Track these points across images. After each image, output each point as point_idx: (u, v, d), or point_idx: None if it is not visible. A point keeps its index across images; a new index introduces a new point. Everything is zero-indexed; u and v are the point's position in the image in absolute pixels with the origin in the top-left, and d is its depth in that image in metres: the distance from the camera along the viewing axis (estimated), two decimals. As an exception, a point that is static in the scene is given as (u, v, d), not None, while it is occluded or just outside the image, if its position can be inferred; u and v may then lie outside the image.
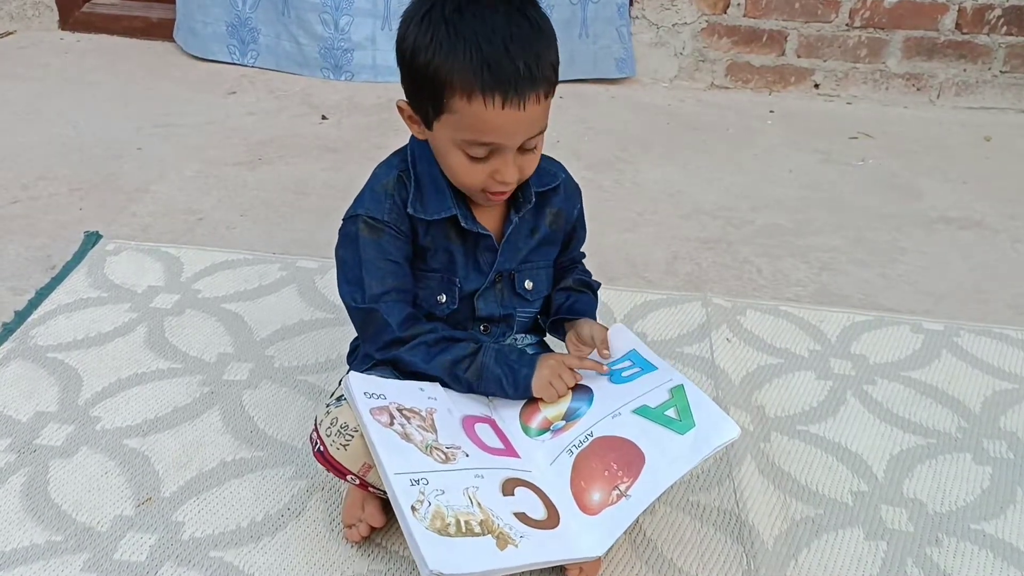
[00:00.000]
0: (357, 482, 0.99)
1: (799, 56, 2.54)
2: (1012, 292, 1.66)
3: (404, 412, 1.00)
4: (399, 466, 0.93)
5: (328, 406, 1.02)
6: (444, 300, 1.09)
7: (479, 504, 0.93)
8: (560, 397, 1.06)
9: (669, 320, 1.51)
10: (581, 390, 1.09)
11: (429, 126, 1.00)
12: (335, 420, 0.99)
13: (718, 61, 2.58)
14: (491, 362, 1.05)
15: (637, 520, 1.08)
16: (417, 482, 0.92)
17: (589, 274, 1.23)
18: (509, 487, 0.98)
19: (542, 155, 1.10)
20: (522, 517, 0.95)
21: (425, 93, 0.97)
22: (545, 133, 1.01)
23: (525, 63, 0.92)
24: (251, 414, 1.25)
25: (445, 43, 0.93)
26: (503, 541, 0.90)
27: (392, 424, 0.97)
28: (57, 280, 1.52)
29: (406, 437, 0.97)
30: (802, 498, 1.15)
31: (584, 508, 0.97)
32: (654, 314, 1.52)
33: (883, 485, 1.18)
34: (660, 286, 1.62)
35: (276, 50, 2.52)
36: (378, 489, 0.99)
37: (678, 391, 1.03)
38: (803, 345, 1.46)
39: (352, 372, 1.04)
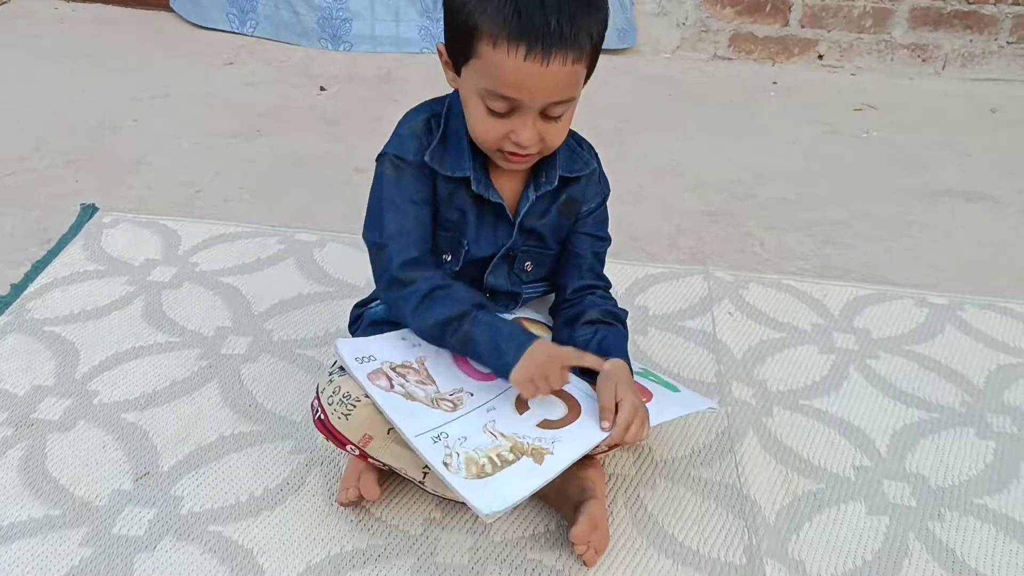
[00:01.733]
0: (357, 452, 0.99)
1: (803, 26, 2.51)
2: (1017, 266, 1.65)
3: (398, 370, 1.01)
4: (416, 427, 0.94)
5: (331, 374, 1.01)
6: (449, 259, 1.07)
7: (502, 435, 0.96)
8: (542, 395, 0.97)
9: (671, 294, 1.49)
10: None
11: (458, 72, 0.98)
12: (337, 389, 0.98)
13: (721, 31, 2.54)
14: (477, 334, 0.98)
15: (639, 496, 1.09)
16: (438, 438, 0.94)
17: (615, 302, 1.13)
18: (522, 405, 0.99)
19: (583, 142, 1.10)
20: (545, 424, 0.97)
21: (457, 35, 0.95)
22: (574, 106, 0.98)
23: (558, 20, 0.89)
24: (250, 388, 1.24)
25: None
26: (538, 455, 0.93)
27: (392, 387, 0.98)
28: (53, 253, 1.50)
29: (410, 397, 0.98)
30: (804, 473, 1.15)
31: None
32: (656, 288, 1.51)
33: (886, 460, 1.18)
34: (662, 260, 1.60)
35: (275, 19, 2.49)
36: (377, 460, 0.98)
37: (667, 384, 1.11)
38: (806, 319, 1.45)
39: (338, 340, 1.04)
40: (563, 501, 1.03)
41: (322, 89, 2.26)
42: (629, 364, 1.03)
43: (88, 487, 1.07)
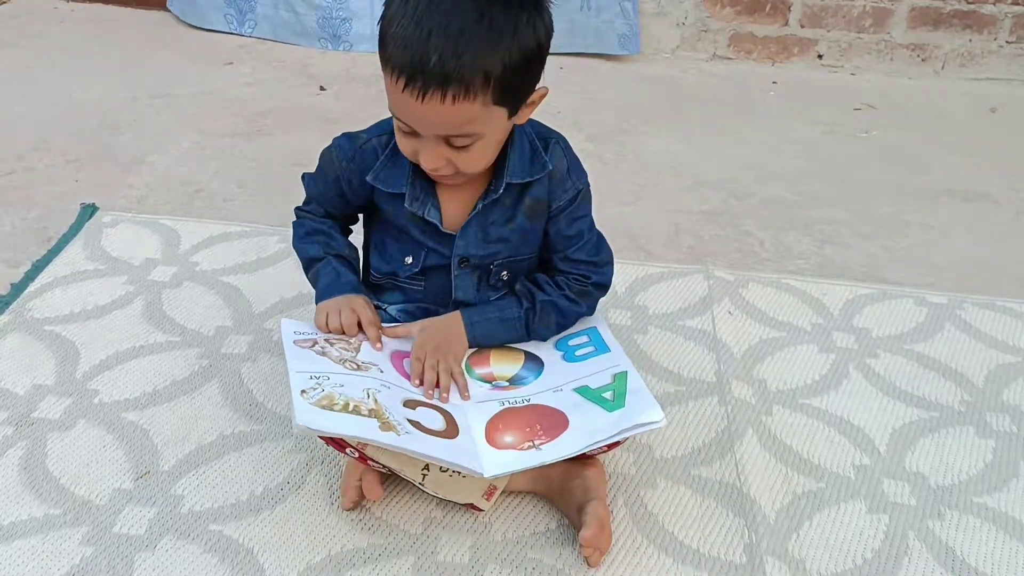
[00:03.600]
0: (356, 455, 0.98)
1: (803, 26, 2.51)
2: (1017, 265, 1.65)
3: (331, 340, 1.05)
4: (301, 367, 0.99)
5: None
6: (410, 262, 1.10)
7: (376, 400, 0.96)
8: (327, 329, 1.06)
9: (670, 293, 1.50)
10: (533, 360, 1.11)
11: None
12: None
13: (720, 31, 2.54)
14: (323, 267, 1.11)
15: (639, 496, 1.09)
16: (317, 377, 0.97)
17: (559, 289, 1.11)
18: (412, 404, 1.00)
19: (550, 138, 1.07)
20: (416, 424, 0.96)
21: (379, 52, 0.95)
22: (493, 139, 0.97)
23: (441, 56, 0.86)
24: (250, 387, 1.24)
25: (394, 10, 0.91)
26: (387, 426, 0.93)
27: (313, 346, 1.03)
28: (53, 252, 1.50)
29: (323, 353, 1.02)
30: (804, 471, 1.15)
31: (490, 442, 0.99)
32: (655, 287, 1.51)
33: (885, 459, 1.18)
34: (661, 259, 1.61)
35: (274, 19, 2.49)
36: (377, 463, 0.98)
37: (620, 377, 1.06)
38: (805, 318, 1.45)
39: (284, 319, 1.11)
40: (565, 501, 1.03)
41: (322, 89, 2.26)
42: (489, 340, 1.11)
43: (89, 486, 1.07)
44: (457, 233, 1.07)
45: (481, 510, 1.03)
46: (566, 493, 1.03)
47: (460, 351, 1.09)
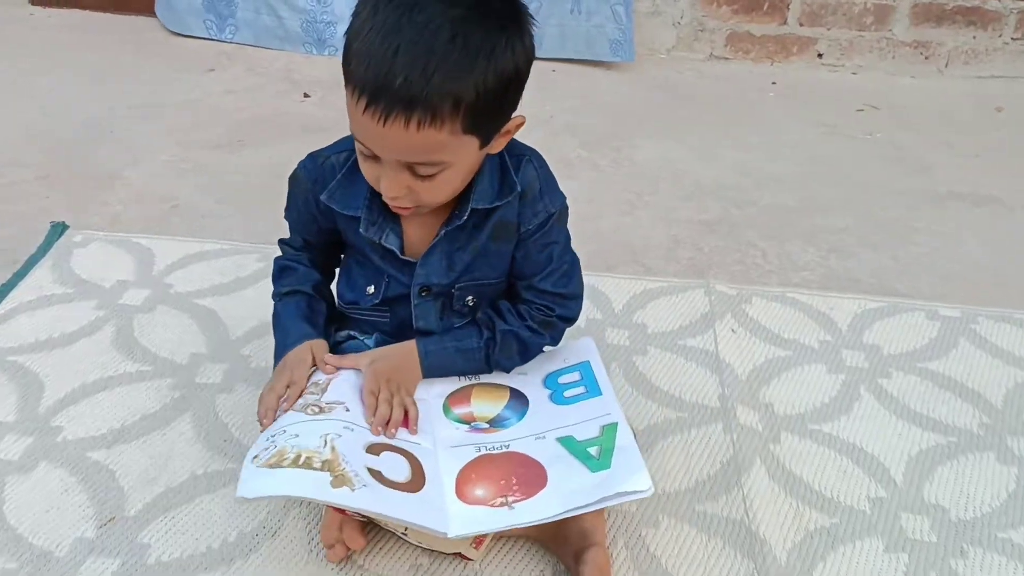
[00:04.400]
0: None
1: (802, 24, 2.44)
2: (1031, 274, 1.58)
3: (310, 387, 0.99)
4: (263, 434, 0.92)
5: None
6: (372, 291, 1.03)
7: (333, 448, 0.88)
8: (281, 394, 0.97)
9: (670, 310, 1.42)
10: (517, 399, 1.03)
11: None
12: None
13: (717, 31, 2.47)
14: (281, 310, 1.08)
15: (640, 535, 1.02)
16: (272, 436, 0.89)
17: (552, 326, 1.05)
18: (377, 449, 0.92)
19: (523, 157, 0.98)
20: (376, 475, 0.88)
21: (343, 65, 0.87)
22: (460, 169, 0.89)
23: (406, 78, 0.79)
24: (225, 421, 1.17)
25: (361, 21, 0.83)
26: (340, 480, 0.84)
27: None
28: (19, 275, 1.43)
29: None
30: (816, 506, 1.08)
31: (460, 494, 0.91)
32: (654, 303, 1.43)
33: (902, 490, 1.10)
34: (660, 273, 1.53)
35: (255, 24, 2.41)
36: (356, 512, 0.91)
37: (609, 429, 0.96)
38: (813, 335, 1.38)
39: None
40: (561, 546, 0.96)
41: (306, 96, 2.19)
42: (436, 370, 1.04)
43: (48, 535, 0.99)
44: (419, 261, 0.99)
45: (471, 559, 0.96)
46: (562, 538, 0.95)
47: (412, 383, 1.02)
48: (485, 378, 1.06)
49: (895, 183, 1.89)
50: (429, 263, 0.99)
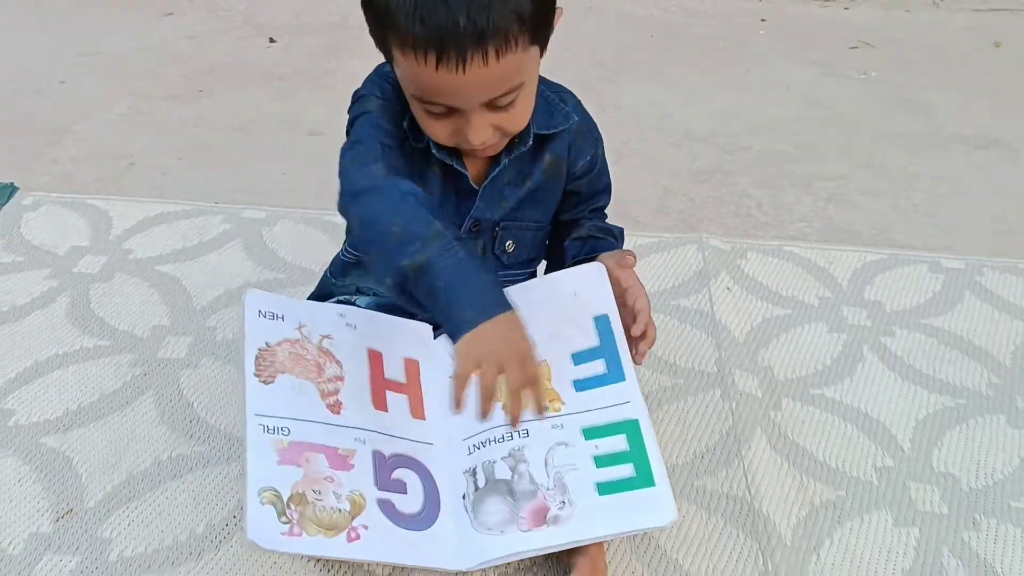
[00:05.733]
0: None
1: (793, -44, 2.32)
2: (1036, 221, 1.51)
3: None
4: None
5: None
6: None
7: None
8: (483, 387, 0.75)
9: (662, 268, 1.35)
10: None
11: (392, 70, 0.85)
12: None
13: (705, -36, 2.35)
14: (443, 266, 0.75)
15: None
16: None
17: (606, 220, 1.06)
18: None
19: (564, 91, 0.96)
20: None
21: (373, 31, 0.81)
22: (531, 85, 0.84)
23: (468, 15, 0.74)
24: (190, 400, 1.09)
25: None
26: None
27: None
28: (-36, 243, 1.33)
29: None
30: (820, 478, 1.02)
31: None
32: (645, 261, 1.36)
33: (910, 458, 1.05)
34: (650, 227, 1.45)
35: (215, -37, 2.26)
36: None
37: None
38: (812, 292, 1.31)
39: (251, 290, 0.90)
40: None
41: (272, 41, 2.06)
42: None
43: (0, 532, 0.92)
44: (480, 190, 0.93)
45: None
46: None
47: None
48: None
49: (894, 125, 1.81)
50: (489, 194, 0.93)
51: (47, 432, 1.04)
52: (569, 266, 0.98)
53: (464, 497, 0.86)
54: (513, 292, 0.85)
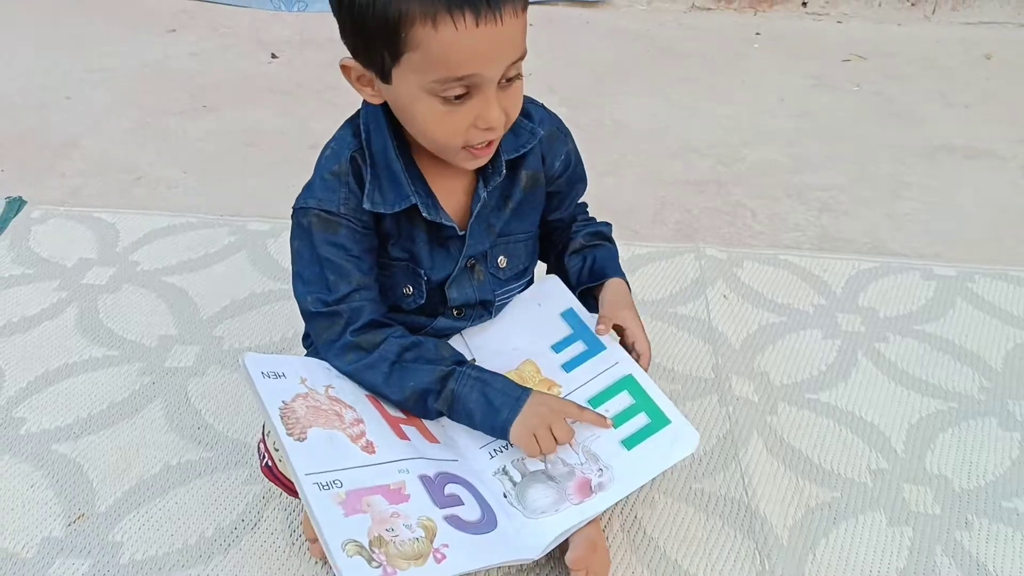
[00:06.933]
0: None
1: (786, -29, 2.36)
2: (1026, 228, 1.54)
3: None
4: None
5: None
6: (411, 292, 0.93)
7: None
8: (544, 452, 0.88)
9: (660, 277, 1.37)
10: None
11: (387, 78, 0.82)
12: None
13: (700, -21, 2.39)
14: (465, 392, 0.88)
15: (636, 517, 0.98)
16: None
17: (593, 220, 1.07)
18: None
19: (524, 103, 0.92)
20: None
21: (376, 36, 0.79)
22: (522, 64, 0.84)
23: None
24: (198, 407, 1.11)
25: None
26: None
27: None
28: (-25, 256, 1.35)
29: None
30: (816, 480, 1.04)
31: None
32: (643, 270, 1.38)
33: (904, 460, 1.07)
34: (648, 237, 1.48)
35: (218, -19, 2.30)
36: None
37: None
38: (807, 299, 1.34)
39: (248, 354, 0.88)
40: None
41: (274, 56, 2.09)
42: (625, 279, 1.01)
43: (13, 536, 0.94)
44: (467, 232, 0.93)
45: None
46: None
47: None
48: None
49: (885, 136, 1.84)
50: (476, 231, 0.93)
51: (58, 439, 1.06)
52: (576, 287, 1.02)
53: (505, 496, 0.87)
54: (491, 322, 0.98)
